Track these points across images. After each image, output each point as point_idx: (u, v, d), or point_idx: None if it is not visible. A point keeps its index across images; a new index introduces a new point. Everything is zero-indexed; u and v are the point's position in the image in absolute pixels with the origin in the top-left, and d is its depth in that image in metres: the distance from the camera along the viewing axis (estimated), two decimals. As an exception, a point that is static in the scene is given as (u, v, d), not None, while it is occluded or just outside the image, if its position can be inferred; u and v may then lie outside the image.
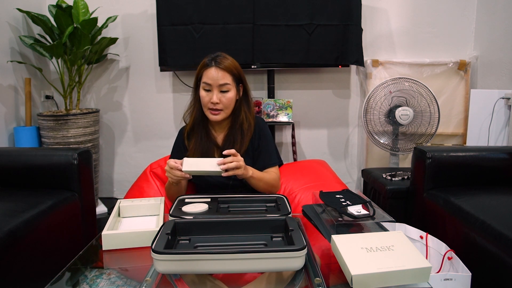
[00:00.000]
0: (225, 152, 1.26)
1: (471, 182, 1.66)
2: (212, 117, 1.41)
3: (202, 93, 1.39)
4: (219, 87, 1.37)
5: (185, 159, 1.25)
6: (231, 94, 1.39)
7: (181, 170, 1.23)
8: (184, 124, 1.55)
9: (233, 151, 1.26)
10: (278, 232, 1.02)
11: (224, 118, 1.43)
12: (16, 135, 2.29)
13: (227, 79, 1.37)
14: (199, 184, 1.52)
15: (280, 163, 1.56)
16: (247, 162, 1.39)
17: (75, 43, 2.26)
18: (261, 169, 1.45)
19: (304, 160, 2.53)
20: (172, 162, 1.25)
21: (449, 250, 1.14)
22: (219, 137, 1.49)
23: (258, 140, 1.49)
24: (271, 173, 1.46)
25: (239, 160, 1.26)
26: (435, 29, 2.57)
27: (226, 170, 1.23)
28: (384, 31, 2.59)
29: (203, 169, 1.23)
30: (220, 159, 1.24)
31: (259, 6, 2.32)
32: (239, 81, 1.44)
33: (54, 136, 2.27)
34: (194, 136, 1.47)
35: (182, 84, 2.65)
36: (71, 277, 0.92)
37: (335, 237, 0.93)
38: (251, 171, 1.34)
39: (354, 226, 1.11)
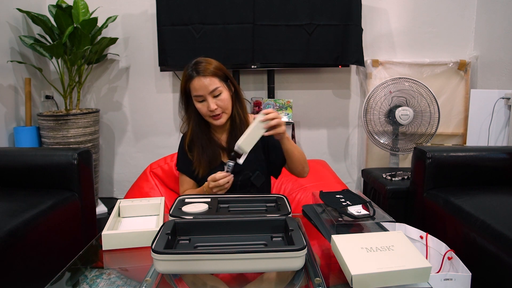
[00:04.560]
0: (264, 111, 1.27)
1: (471, 182, 1.66)
2: (216, 122, 1.40)
3: (198, 105, 1.38)
4: (211, 94, 1.35)
5: (238, 143, 1.25)
6: (225, 95, 1.38)
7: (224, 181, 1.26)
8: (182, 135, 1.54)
9: (271, 110, 1.27)
10: (278, 232, 1.02)
11: (227, 119, 1.44)
12: (16, 135, 2.29)
13: (215, 83, 1.35)
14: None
15: None
16: (260, 158, 1.41)
17: (75, 43, 2.26)
18: (277, 163, 1.46)
19: (304, 160, 2.53)
20: (221, 176, 1.26)
21: (449, 250, 1.14)
22: (223, 139, 1.49)
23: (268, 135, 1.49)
24: None
25: (279, 117, 1.27)
26: (435, 29, 2.57)
27: (267, 130, 1.25)
28: (384, 31, 2.59)
29: (254, 138, 1.25)
30: (263, 117, 1.24)
31: (259, 6, 2.32)
32: (226, 78, 1.43)
33: (54, 136, 2.27)
34: (196, 146, 1.46)
35: (182, 84, 2.65)
36: (71, 277, 0.92)
37: (335, 237, 0.92)
38: (287, 134, 1.34)
39: (354, 226, 1.11)
